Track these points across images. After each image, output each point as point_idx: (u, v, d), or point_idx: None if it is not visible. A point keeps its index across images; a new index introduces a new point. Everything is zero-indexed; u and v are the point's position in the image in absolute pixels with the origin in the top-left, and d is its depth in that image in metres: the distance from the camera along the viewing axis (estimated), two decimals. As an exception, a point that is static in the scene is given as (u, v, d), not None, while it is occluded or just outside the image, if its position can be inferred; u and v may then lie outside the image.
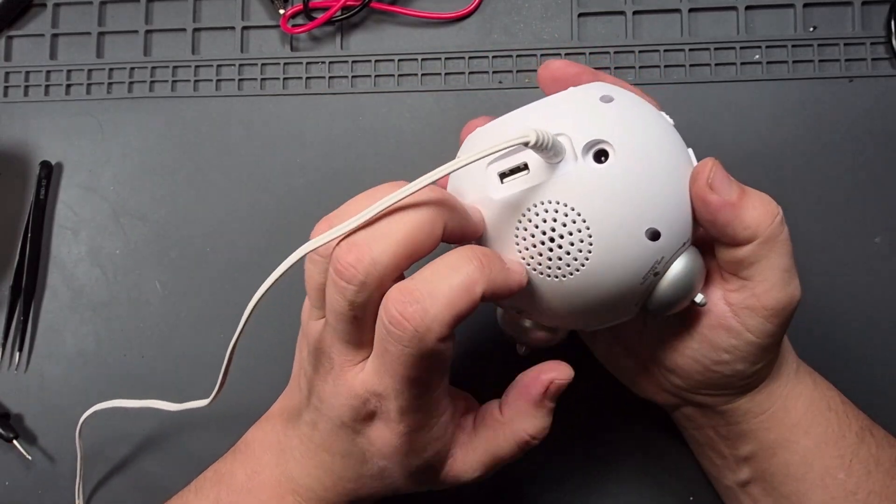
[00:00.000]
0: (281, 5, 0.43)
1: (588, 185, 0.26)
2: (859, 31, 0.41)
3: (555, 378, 0.29)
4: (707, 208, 0.28)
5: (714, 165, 0.28)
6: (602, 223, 0.26)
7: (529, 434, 0.30)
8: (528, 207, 0.26)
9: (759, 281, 0.29)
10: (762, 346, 0.30)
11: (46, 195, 0.44)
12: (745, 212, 0.28)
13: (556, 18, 0.43)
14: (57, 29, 0.45)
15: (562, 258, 0.26)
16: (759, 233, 0.28)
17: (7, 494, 0.42)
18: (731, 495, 0.35)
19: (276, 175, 0.43)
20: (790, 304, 0.29)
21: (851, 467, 0.32)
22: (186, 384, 0.42)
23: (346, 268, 0.25)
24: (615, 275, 0.27)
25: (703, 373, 0.31)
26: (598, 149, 0.27)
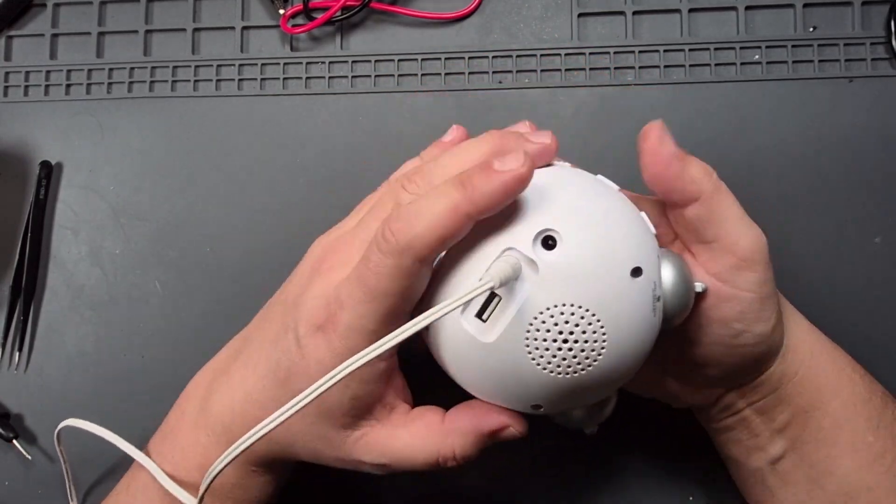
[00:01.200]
0: (281, 5, 0.43)
1: (562, 274, 0.26)
2: (859, 32, 0.41)
3: (511, 427, 0.29)
4: (658, 161, 0.29)
5: (661, 125, 0.29)
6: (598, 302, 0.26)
7: (455, 453, 0.29)
8: (527, 327, 0.26)
9: (723, 236, 0.29)
10: (762, 298, 0.30)
11: (46, 195, 0.44)
12: (690, 166, 0.29)
13: (556, 18, 0.43)
14: (57, 29, 0.45)
15: (586, 343, 0.26)
16: (703, 187, 0.29)
17: (7, 494, 0.42)
18: (756, 478, 0.35)
19: (276, 175, 0.43)
20: (760, 245, 0.30)
21: (879, 431, 0.32)
22: (186, 384, 0.42)
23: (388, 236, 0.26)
24: (635, 327, 0.27)
25: (731, 353, 0.31)
26: (545, 237, 0.27)
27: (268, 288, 0.42)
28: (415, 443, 0.30)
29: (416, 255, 0.26)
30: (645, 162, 0.29)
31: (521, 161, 0.26)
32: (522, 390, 0.28)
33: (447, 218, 0.26)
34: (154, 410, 0.42)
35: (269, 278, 0.42)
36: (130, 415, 0.42)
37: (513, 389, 0.28)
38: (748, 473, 0.36)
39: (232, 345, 0.34)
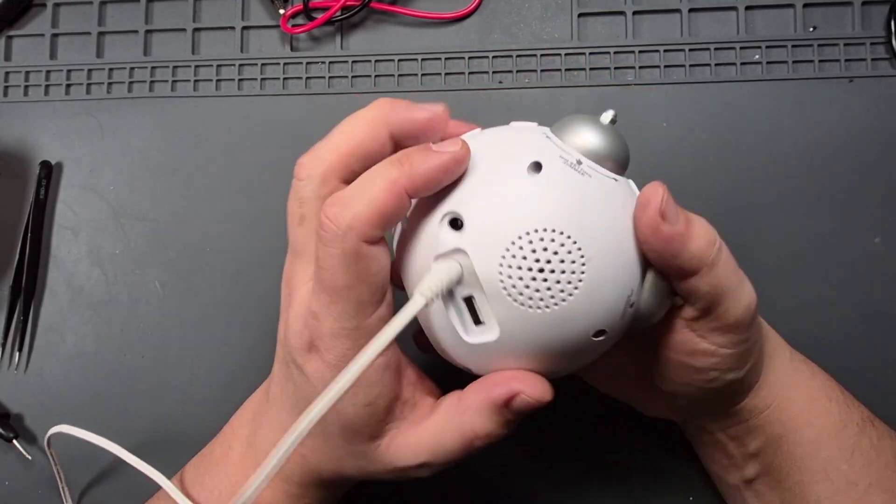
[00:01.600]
0: (281, 5, 0.43)
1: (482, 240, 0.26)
2: (859, 32, 0.41)
3: (522, 391, 0.27)
4: (657, 238, 0.26)
5: (663, 192, 0.26)
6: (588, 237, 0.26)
7: (476, 432, 0.28)
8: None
9: (714, 308, 0.28)
10: (741, 353, 0.30)
11: (46, 195, 0.44)
12: (691, 242, 0.27)
13: (556, 18, 0.43)
14: (57, 29, 0.45)
15: (559, 281, 0.25)
16: (703, 262, 0.27)
17: (7, 494, 0.42)
18: (735, 494, 0.36)
19: (276, 175, 0.43)
20: (748, 311, 0.29)
21: (853, 459, 0.32)
22: (186, 384, 0.42)
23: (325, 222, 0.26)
24: (613, 279, 0.26)
25: (701, 391, 0.31)
26: (452, 219, 0.27)
27: (267, 288, 0.42)
28: (441, 432, 0.29)
29: (358, 234, 0.25)
30: (643, 235, 0.27)
31: (459, 144, 0.26)
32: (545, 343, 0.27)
33: (385, 192, 0.25)
34: (154, 410, 0.42)
35: (269, 278, 0.42)
36: (130, 415, 0.42)
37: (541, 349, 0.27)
38: (728, 488, 0.36)
39: (264, 386, 0.34)
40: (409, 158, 0.26)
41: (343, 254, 0.26)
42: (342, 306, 0.26)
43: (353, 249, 0.25)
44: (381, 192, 0.25)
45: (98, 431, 0.39)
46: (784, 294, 0.40)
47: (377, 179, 0.26)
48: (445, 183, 0.27)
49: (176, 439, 0.42)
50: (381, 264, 0.27)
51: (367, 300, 0.27)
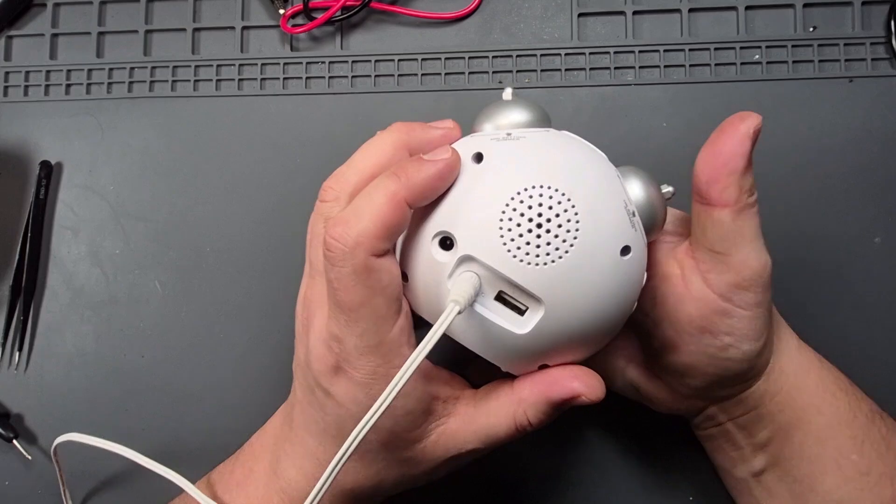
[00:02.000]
0: (281, 5, 0.43)
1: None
2: (859, 32, 0.41)
3: (583, 395, 0.28)
4: (737, 148, 0.28)
5: (760, 122, 0.29)
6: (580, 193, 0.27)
7: (529, 422, 0.29)
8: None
9: (735, 253, 0.29)
10: (755, 318, 0.30)
11: (46, 195, 0.44)
12: (747, 175, 0.29)
13: (556, 18, 0.43)
14: (57, 29, 0.45)
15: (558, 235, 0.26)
16: (741, 200, 0.29)
17: (7, 494, 0.42)
18: (743, 487, 0.35)
19: (276, 175, 0.43)
20: (765, 270, 0.30)
21: (863, 448, 0.32)
22: (186, 384, 0.42)
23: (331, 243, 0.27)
24: (605, 221, 0.27)
25: (714, 364, 0.31)
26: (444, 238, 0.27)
27: (267, 288, 0.42)
28: (494, 420, 0.30)
29: (366, 249, 0.26)
30: (719, 139, 0.29)
31: (449, 152, 0.27)
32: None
33: (386, 205, 0.26)
34: (154, 410, 0.42)
35: (269, 278, 0.42)
36: (130, 415, 0.42)
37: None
38: (735, 481, 0.36)
39: (283, 409, 0.34)
40: (404, 170, 0.27)
41: (354, 271, 0.26)
42: (363, 325, 0.27)
43: (363, 265, 0.26)
44: (382, 205, 0.26)
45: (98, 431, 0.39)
46: (784, 294, 0.39)
47: (377, 194, 0.26)
48: (442, 190, 0.27)
49: (176, 439, 0.42)
50: (393, 275, 0.27)
51: (384, 313, 0.27)
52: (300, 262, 0.42)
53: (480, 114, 0.31)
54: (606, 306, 0.28)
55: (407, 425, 0.29)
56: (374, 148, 0.29)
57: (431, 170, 0.27)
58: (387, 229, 0.26)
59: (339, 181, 0.29)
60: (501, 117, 0.30)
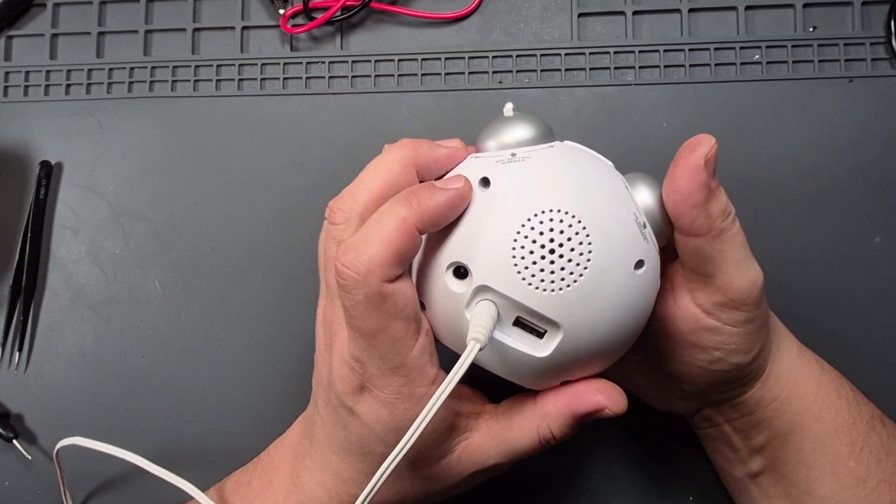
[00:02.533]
0: (281, 5, 0.43)
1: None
2: (859, 32, 0.41)
3: (607, 408, 0.28)
4: (692, 182, 0.27)
5: (715, 145, 0.28)
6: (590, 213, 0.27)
7: (553, 436, 0.29)
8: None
9: (719, 276, 0.29)
10: (745, 333, 0.30)
11: (46, 195, 0.44)
12: (713, 202, 0.28)
13: (556, 18, 0.43)
14: (57, 29, 0.45)
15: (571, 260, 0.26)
16: (714, 226, 0.28)
17: (7, 494, 0.42)
18: (740, 487, 0.35)
19: (276, 175, 0.43)
20: (753, 288, 0.29)
21: (861, 455, 0.32)
22: (186, 384, 0.42)
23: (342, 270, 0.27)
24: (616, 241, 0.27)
25: (706, 374, 0.31)
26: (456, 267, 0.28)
27: (268, 288, 0.42)
28: (515, 435, 0.30)
29: (378, 277, 0.26)
30: (675, 173, 0.28)
31: (462, 181, 0.27)
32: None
33: (396, 231, 0.26)
34: (154, 410, 0.42)
35: (269, 278, 0.42)
36: (130, 415, 0.42)
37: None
38: (733, 482, 0.36)
39: (302, 423, 0.34)
40: (416, 196, 0.27)
41: (367, 298, 0.26)
42: (382, 349, 0.27)
43: (376, 292, 0.26)
44: (393, 231, 0.26)
45: (98, 431, 0.39)
46: (784, 294, 0.39)
47: (387, 220, 0.26)
48: (452, 218, 0.27)
49: (176, 439, 0.42)
50: (408, 297, 0.27)
51: (403, 335, 0.27)
52: (300, 261, 0.42)
53: (483, 131, 0.30)
54: (624, 320, 0.28)
55: (432, 443, 0.29)
56: (382, 166, 0.29)
57: (443, 198, 0.27)
58: (398, 256, 0.26)
59: (347, 202, 0.29)
60: (505, 135, 0.30)
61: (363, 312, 0.26)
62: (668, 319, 0.31)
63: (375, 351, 0.27)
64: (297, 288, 0.42)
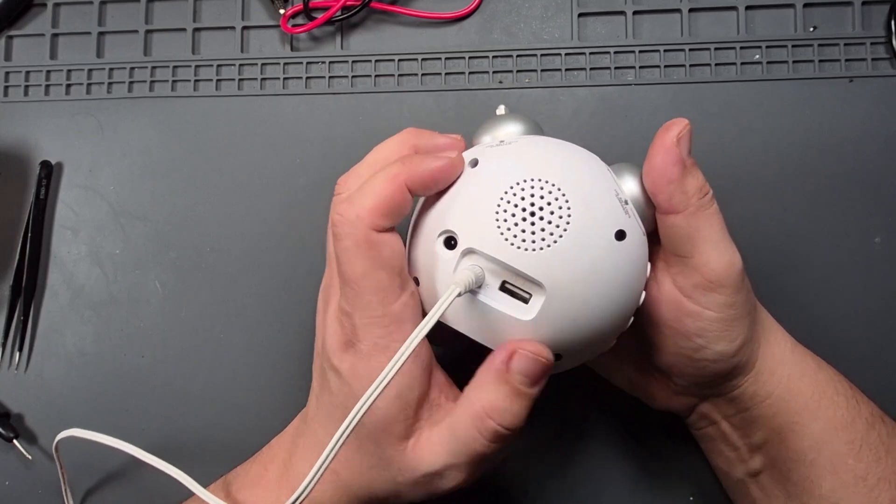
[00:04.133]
0: (281, 5, 0.43)
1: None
2: (860, 31, 0.41)
3: (520, 348, 0.28)
4: (666, 157, 0.29)
5: (687, 125, 0.30)
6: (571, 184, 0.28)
7: (485, 408, 0.28)
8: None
9: (696, 255, 0.30)
10: (726, 319, 0.30)
11: (46, 195, 0.44)
12: (689, 179, 0.29)
13: (556, 18, 0.43)
14: (57, 29, 0.45)
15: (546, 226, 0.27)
16: (690, 203, 0.29)
17: (7, 494, 0.42)
18: (740, 488, 0.35)
19: (276, 175, 0.43)
20: (731, 270, 0.30)
21: (861, 453, 0.32)
22: (186, 384, 0.42)
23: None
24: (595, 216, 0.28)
25: (691, 364, 0.32)
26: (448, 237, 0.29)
27: (268, 287, 0.42)
28: (455, 423, 0.29)
29: (366, 224, 0.28)
30: (651, 152, 0.30)
31: (455, 153, 0.29)
32: None
33: (387, 184, 0.28)
34: (154, 410, 0.42)
35: (270, 278, 0.42)
36: (130, 415, 0.42)
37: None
38: (732, 483, 0.36)
39: (304, 409, 0.34)
40: (410, 160, 0.29)
41: (355, 243, 0.28)
42: (366, 296, 0.28)
43: (363, 237, 0.28)
44: (383, 184, 0.28)
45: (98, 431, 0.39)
46: (784, 294, 0.40)
47: (380, 176, 0.28)
48: (443, 185, 0.29)
49: (176, 439, 0.42)
50: (394, 249, 0.28)
51: (387, 286, 0.28)
52: (301, 261, 0.42)
53: (478, 129, 0.33)
54: (608, 290, 0.28)
55: (395, 412, 0.29)
56: (385, 147, 0.31)
57: (434, 163, 0.28)
58: (386, 205, 0.28)
59: (351, 176, 0.31)
60: (497, 130, 0.32)
61: (351, 257, 0.28)
62: (654, 305, 0.32)
63: (360, 299, 0.28)
64: (297, 288, 0.42)
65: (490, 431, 0.28)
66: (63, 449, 0.39)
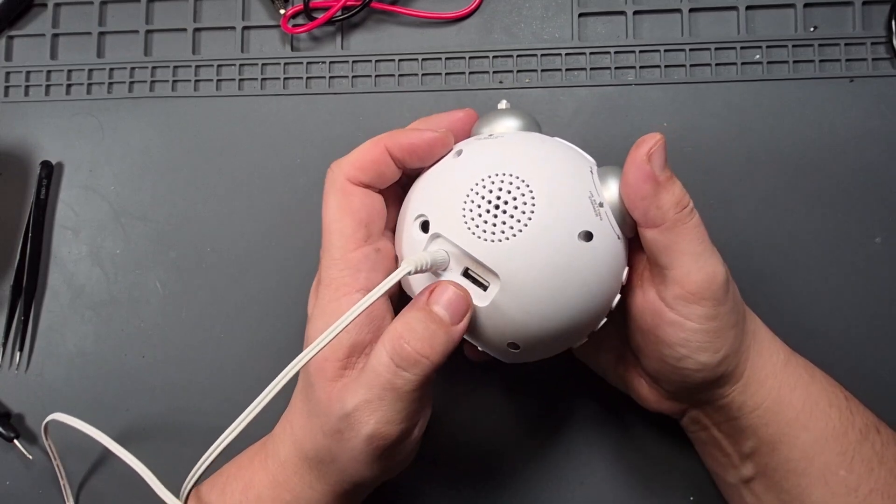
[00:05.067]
0: (281, 5, 0.43)
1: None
2: (860, 31, 0.41)
3: (440, 283, 0.29)
4: (637, 174, 0.29)
5: (660, 140, 0.29)
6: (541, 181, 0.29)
7: (399, 332, 0.28)
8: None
9: (676, 267, 0.30)
10: (708, 331, 0.30)
11: (47, 195, 0.44)
12: (663, 194, 0.29)
13: (557, 18, 0.43)
14: (57, 29, 0.45)
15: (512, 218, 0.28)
16: (667, 217, 0.29)
17: (7, 494, 0.42)
18: (734, 492, 0.36)
19: (276, 175, 0.43)
20: (712, 282, 0.30)
21: (853, 464, 0.32)
22: (186, 384, 0.42)
23: None
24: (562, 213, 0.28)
25: (675, 372, 0.32)
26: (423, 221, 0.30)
27: (268, 288, 0.42)
28: (376, 355, 0.29)
29: (344, 174, 0.30)
30: (625, 169, 0.30)
31: (440, 131, 0.31)
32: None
33: (370, 146, 0.31)
34: (154, 410, 0.42)
35: (270, 278, 0.42)
36: (131, 414, 0.42)
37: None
38: (726, 486, 0.36)
39: None
40: (395, 131, 0.31)
41: (331, 189, 0.31)
42: (332, 239, 0.30)
43: (340, 186, 0.30)
44: (367, 146, 0.31)
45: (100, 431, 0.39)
46: (784, 294, 0.40)
47: (367, 141, 0.31)
48: (425, 159, 0.31)
49: (176, 438, 0.42)
50: (364, 202, 0.30)
51: (350, 233, 0.30)
52: (301, 260, 0.42)
53: (478, 121, 0.34)
54: (568, 288, 0.28)
55: (326, 353, 0.29)
56: (378, 136, 0.32)
57: (417, 137, 0.30)
58: (365, 161, 0.30)
59: (344, 159, 0.32)
60: (494, 123, 0.33)
61: (327, 203, 0.31)
62: (638, 314, 0.32)
63: (327, 242, 0.30)
64: (297, 287, 0.42)
65: (403, 356, 0.28)
66: (58, 439, 0.39)
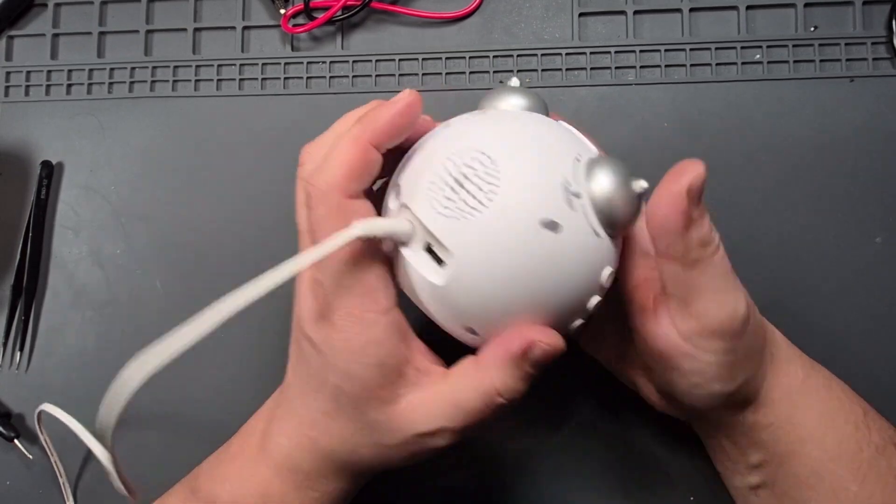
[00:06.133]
0: (282, 5, 0.43)
1: None
2: (860, 31, 0.41)
3: (539, 340, 0.27)
4: (670, 207, 0.27)
5: (701, 174, 0.27)
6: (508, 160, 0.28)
7: (496, 388, 0.28)
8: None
9: (694, 303, 0.28)
10: (724, 364, 0.29)
11: (47, 195, 0.44)
12: (693, 230, 0.27)
13: (557, 18, 0.43)
14: (58, 29, 0.45)
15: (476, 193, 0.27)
16: (690, 255, 0.27)
17: (8, 494, 0.42)
18: (741, 496, 0.35)
19: (276, 175, 0.43)
20: (732, 321, 0.28)
21: (866, 480, 0.31)
22: (186, 384, 0.42)
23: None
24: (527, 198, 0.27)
25: (688, 397, 0.31)
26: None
27: (268, 288, 0.42)
28: (459, 392, 0.29)
29: (338, 192, 0.28)
30: (657, 197, 0.27)
31: (410, 94, 0.29)
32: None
33: (352, 149, 0.28)
34: (154, 410, 0.42)
35: (270, 278, 0.42)
36: (131, 415, 0.42)
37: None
38: (734, 489, 0.36)
39: (276, 392, 0.34)
40: (367, 116, 0.29)
41: (328, 212, 0.28)
42: (338, 265, 0.28)
43: (336, 205, 0.28)
44: (348, 148, 0.28)
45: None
46: (784, 294, 0.40)
47: (344, 140, 0.28)
48: (406, 130, 0.29)
49: (176, 438, 0.42)
50: (366, 212, 0.29)
51: (356, 249, 0.28)
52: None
53: (488, 96, 0.32)
54: (527, 277, 0.27)
55: (379, 378, 0.28)
56: (351, 115, 0.31)
57: (391, 110, 0.28)
58: (354, 170, 0.28)
59: (316, 145, 0.31)
60: (498, 100, 0.32)
61: (324, 226, 0.28)
62: (649, 338, 0.30)
63: (330, 263, 0.28)
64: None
65: (498, 406, 0.29)
66: (54, 434, 0.39)
